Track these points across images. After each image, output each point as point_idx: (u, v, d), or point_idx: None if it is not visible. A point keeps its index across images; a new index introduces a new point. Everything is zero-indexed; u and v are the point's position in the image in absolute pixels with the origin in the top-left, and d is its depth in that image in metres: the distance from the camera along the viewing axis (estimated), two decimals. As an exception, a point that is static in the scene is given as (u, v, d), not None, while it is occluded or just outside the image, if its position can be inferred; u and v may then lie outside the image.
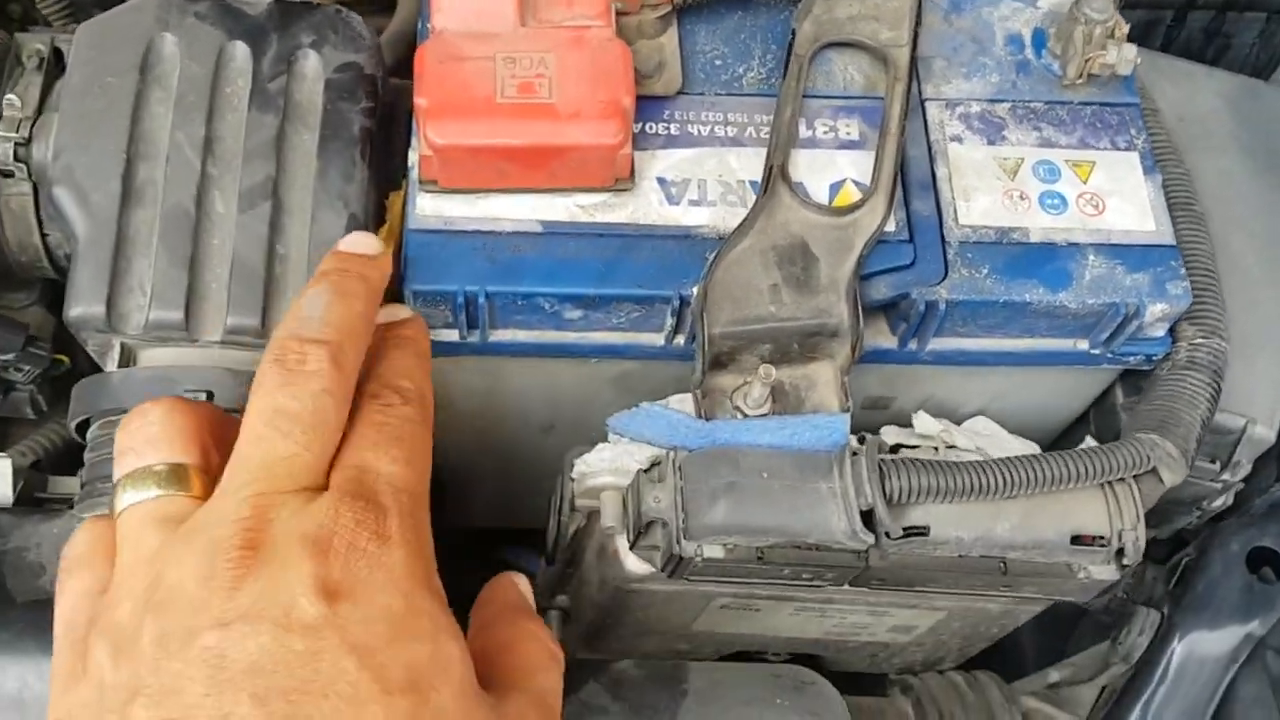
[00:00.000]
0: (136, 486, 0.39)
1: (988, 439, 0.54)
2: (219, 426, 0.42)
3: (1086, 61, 0.54)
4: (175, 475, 0.39)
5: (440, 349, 0.52)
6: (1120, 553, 0.50)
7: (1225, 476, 0.59)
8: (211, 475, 0.40)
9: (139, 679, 0.34)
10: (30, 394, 0.64)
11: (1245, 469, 0.59)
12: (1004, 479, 0.47)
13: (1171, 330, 0.54)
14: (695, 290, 0.50)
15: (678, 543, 0.48)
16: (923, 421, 0.54)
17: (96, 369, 0.66)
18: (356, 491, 0.38)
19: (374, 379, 0.43)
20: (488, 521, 0.75)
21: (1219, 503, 0.61)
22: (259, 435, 0.38)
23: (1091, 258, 0.52)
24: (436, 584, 0.39)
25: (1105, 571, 0.51)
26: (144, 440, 0.40)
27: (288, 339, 0.40)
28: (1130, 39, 0.54)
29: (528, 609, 0.47)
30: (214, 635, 0.34)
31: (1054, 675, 0.64)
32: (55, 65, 0.56)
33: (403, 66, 0.63)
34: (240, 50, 0.52)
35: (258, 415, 0.39)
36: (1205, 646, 0.58)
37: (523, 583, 0.48)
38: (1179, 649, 0.58)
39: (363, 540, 0.37)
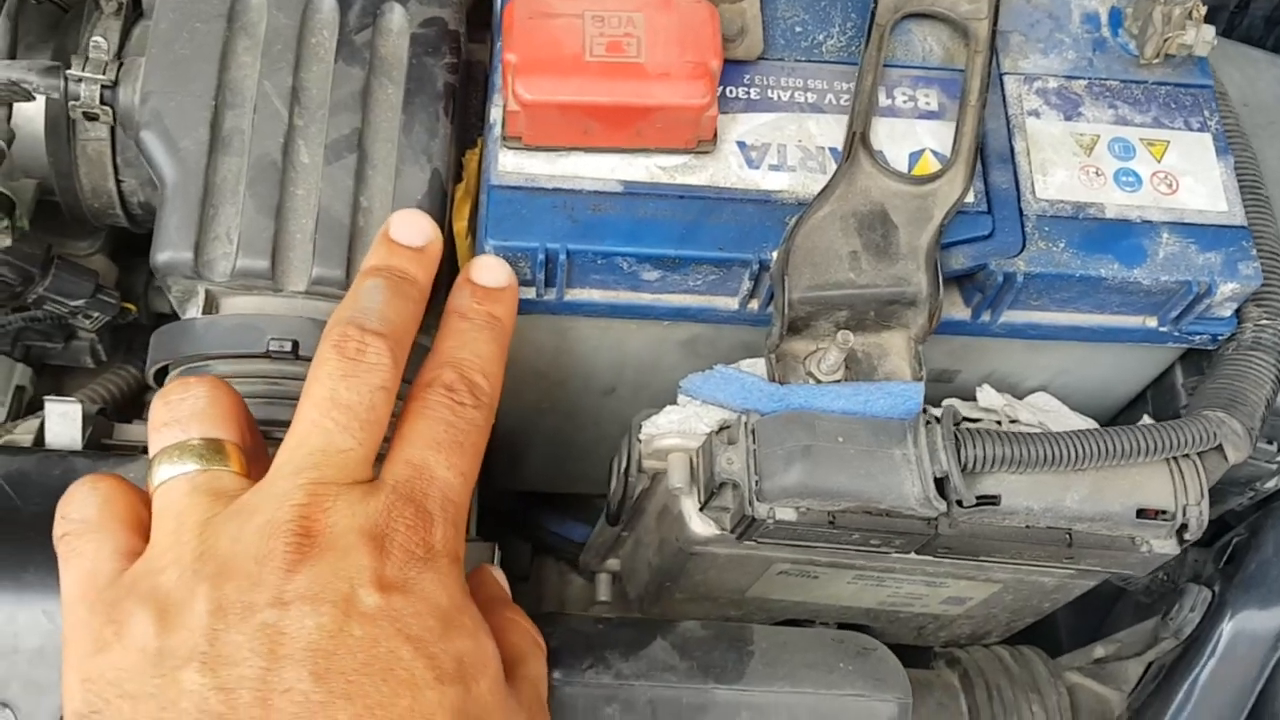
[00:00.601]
0: (181, 458, 0.40)
1: (1049, 414, 0.55)
2: (246, 413, 0.43)
3: (1165, 41, 0.54)
4: (219, 451, 0.40)
5: (514, 306, 0.53)
6: (1183, 528, 0.50)
7: (1281, 458, 0.59)
8: (248, 456, 0.41)
9: (192, 645, 0.35)
10: (91, 343, 0.64)
11: (1301, 450, 0.60)
12: (1077, 450, 0.48)
13: (1237, 311, 0.55)
14: (776, 254, 0.50)
15: (750, 504, 0.48)
16: (986, 395, 0.54)
17: (158, 320, 0.67)
18: (410, 494, 0.39)
19: (453, 364, 0.43)
20: (535, 485, 0.75)
21: (1272, 484, 0.62)
22: (316, 423, 0.39)
23: (1165, 235, 0.52)
24: (467, 585, 0.41)
25: (1166, 546, 0.51)
26: (189, 413, 0.40)
27: (348, 326, 0.41)
28: (1197, 23, 0.55)
29: (508, 599, 0.48)
30: (273, 612, 0.35)
31: (1099, 650, 0.64)
32: (133, 10, 0.56)
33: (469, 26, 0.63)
34: (327, 2, 0.52)
35: (316, 403, 0.39)
36: (1255, 624, 0.58)
37: (500, 574, 0.49)
38: (1229, 627, 0.59)
39: (414, 545, 0.39)
